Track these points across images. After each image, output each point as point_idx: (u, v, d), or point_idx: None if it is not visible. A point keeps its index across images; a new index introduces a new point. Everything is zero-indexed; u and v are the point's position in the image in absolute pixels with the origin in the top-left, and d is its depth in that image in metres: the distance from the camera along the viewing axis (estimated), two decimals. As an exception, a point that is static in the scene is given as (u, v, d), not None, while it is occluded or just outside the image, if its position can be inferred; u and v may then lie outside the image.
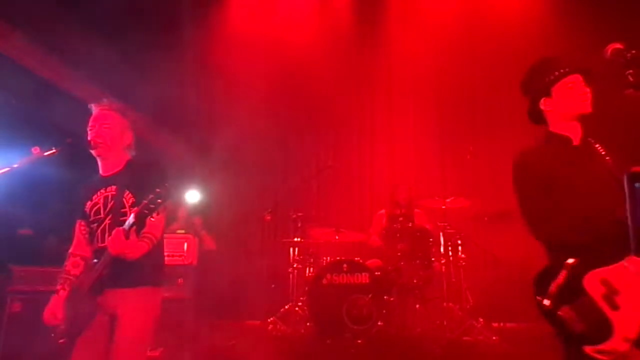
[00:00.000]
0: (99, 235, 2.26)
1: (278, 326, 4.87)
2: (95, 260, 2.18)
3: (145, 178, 2.24)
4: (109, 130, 2.34)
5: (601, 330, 1.75)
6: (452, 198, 4.96)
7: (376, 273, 4.59)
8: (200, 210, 5.85)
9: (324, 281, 4.60)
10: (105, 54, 5.35)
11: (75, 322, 2.19)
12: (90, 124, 2.36)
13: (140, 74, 5.83)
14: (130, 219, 2.04)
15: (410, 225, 4.90)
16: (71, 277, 2.33)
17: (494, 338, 4.29)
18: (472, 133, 6.29)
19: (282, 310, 5.03)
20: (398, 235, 4.76)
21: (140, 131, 2.59)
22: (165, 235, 2.40)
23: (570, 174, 2.02)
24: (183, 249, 4.85)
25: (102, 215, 2.29)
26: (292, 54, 6.75)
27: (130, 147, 2.46)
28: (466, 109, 6.54)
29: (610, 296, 1.77)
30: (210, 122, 6.83)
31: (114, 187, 2.31)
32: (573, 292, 1.85)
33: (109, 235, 2.13)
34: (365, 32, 6.82)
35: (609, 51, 1.81)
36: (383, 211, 5.48)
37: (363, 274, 4.58)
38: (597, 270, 1.80)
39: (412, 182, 5.66)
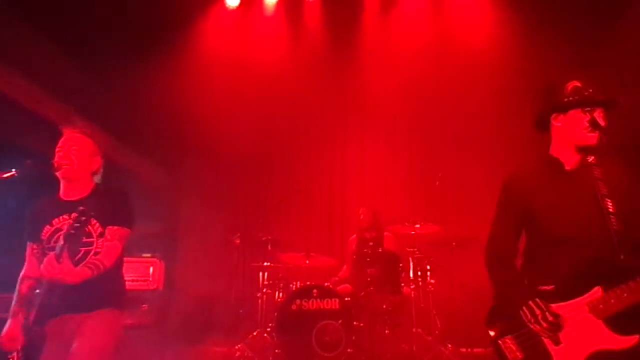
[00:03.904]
0: None
1: (245, 353, 4.75)
2: (37, 291, 2.16)
3: (111, 206, 2.27)
4: (77, 152, 2.32)
5: None
6: (421, 223, 5.01)
7: (346, 299, 4.56)
8: None
9: (293, 307, 4.53)
10: (72, 71, 5.25)
11: (27, 354, 2.12)
12: (58, 146, 2.32)
13: (108, 94, 5.75)
14: (60, 241, 2.04)
15: (380, 250, 4.91)
16: (26, 300, 2.26)
17: (462, 364, 4.30)
18: (441, 159, 6.41)
19: (249, 336, 4.91)
20: (368, 259, 4.75)
21: (108, 153, 2.55)
22: (128, 259, 2.40)
23: (551, 200, 1.99)
24: (149, 273, 4.73)
25: (62, 242, 2.19)
26: (264, 78, 6.79)
27: (97, 173, 2.44)
28: (436, 136, 6.67)
29: (555, 331, 1.80)
30: (180, 143, 6.75)
31: (76, 214, 2.22)
32: (518, 323, 1.89)
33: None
34: (337, 58, 6.93)
35: (569, 88, 1.88)
36: (354, 236, 5.49)
37: (333, 299, 4.53)
38: (552, 305, 1.84)
39: (378, 205, 5.69)
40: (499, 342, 1.93)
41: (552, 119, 2.04)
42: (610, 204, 1.85)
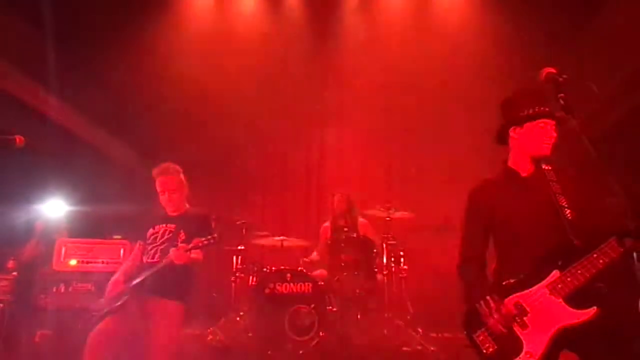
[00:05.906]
0: (152, 254, 3.19)
1: (218, 336, 4.72)
2: (146, 272, 3.03)
3: (197, 225, 3.22)
4: (178, 194, 3.35)
5: (513, 348, 1.95)
6: (396, 210, 5.04)
7: (320, 283, 4.57)
8: (65, 224, 5.24)
9: (267, 290, 4.51)
10: (45, 50, 5.09)
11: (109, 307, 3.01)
12: (160, 188, 3.33)
13: (83, 73, 5.59)
14: (191, 246, 2.93)
15: (354, 236, 4.92)
16: (125, 271, 3.25)
17: (432, 348, 4.37)
18: (418, 147, 6.44)
19: (222, 320, 4.90)
20: (342, 245, 4.76)
21: (85, 136, 2.61)
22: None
23: (509, 205, 2.18)
24: (119, 255, 4.63)
25: (157, 243, 3.22)
26: (242, 61, 6.69)
27: (187, 195, 3.44)
28: (414, 124, 6.68)
29: (521, 317, 1.96)
30: (155, 125, 6.60)
31: (173, 225, 3.25)
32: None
33: (160, 256, 3.10)
34: (317, 42, 6.86)
35: (543, 75, 1.91)
36: (327, 224, 5.48)
37: (307, 283, 4.53)
38: (513, 295, 2.01)
39: (354, 190, 5.66)
40: (473, 337, 2.08)
41: (510, 131, 2.22)
42: (564, 199, 2.04)
